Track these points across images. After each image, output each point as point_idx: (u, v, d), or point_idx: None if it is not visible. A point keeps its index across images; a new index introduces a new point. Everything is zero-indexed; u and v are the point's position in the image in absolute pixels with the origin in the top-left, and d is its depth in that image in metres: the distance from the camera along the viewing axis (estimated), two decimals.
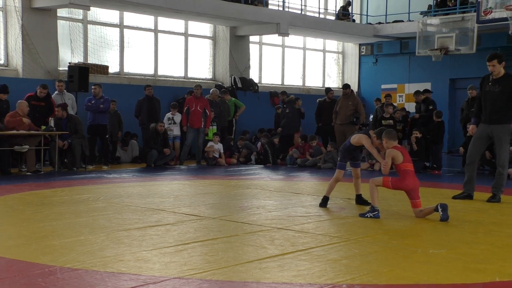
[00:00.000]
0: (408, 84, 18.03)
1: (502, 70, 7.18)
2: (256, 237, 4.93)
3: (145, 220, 5.67)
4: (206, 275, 3.74)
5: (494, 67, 7.13)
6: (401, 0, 18.12)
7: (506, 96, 7.10)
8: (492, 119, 7.20)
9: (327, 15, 19.04)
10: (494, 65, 7.12)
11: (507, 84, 7.11)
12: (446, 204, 5.80)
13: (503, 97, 7.10)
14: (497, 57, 7.17)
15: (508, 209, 6.75)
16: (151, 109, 13.01)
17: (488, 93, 7.23)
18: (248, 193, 8.10)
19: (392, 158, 5.93)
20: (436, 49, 15.37)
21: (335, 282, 3.60)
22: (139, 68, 14.98)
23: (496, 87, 7.14)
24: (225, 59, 16.26)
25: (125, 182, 9.28)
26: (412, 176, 5.94)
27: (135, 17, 14.72)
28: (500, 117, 7.15)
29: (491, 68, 7.16)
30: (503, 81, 7.14)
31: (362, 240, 4.87)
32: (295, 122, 13.92)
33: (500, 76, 7.17)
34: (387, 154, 5.98)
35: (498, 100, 7.13)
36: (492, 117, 7.19)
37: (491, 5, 12.97)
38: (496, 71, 7.15)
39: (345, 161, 6.67)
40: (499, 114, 7.15)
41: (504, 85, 7.11)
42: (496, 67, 7.13)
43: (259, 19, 15.41)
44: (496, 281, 3.65)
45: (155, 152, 12.19)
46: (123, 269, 3.87)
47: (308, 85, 19.05)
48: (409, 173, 5.92)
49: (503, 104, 7.12)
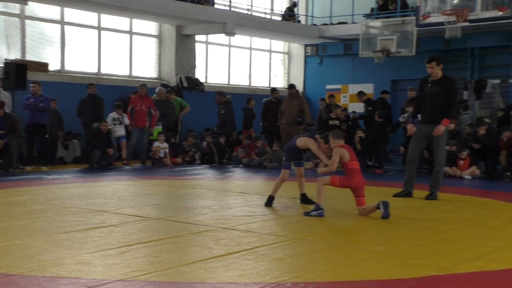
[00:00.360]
0: (352, 85, 18.37)
1: (440, 72, 7.44)
2: (202, 237, 4.91)
3: (87, 222, 5.53)
4: (150, 276, 3.69)
5: (433, 69, 7.38)
6: (345, 2, 18.46)
7: (444, 97, 7.35)
8: (431, 119, 7.44)
9: (273, 15, 19.16)
10: (433, 67, 7.38)
11: (445, 86, 7.37)
12: (387, 201, 5.95)
13: (441, 98, 7.36)
14: (436, 59, 7.43)
15: (444, 206, 6.98)
16: (94, 108, 12.71)
17: (427, 94, 7.47)
18: (193, 193, 8.05)
19: (339, 157, 6.03)
20: (378, 51, 15.74)
21: (280, 280, 3.62)
22: (81, 66, 14.62)
23: (434, 88, 7.39)
24: (171, 58, 16.10)
25: (66, 183, 9.04)
26: (359, 174, 6.06)
27: (77, 14, 14.36)
28: (438, 118, 7.40)
29: (430, 70, 7.41)
30: (441, 83, 7.39)
31: (306, 238, 4.93)
32: (231, 123, 14.01)
33: (438, 78, 7.42)
34: (334, 152, 6.07)
35: (437, 101, 7.37)
36: (431, 117, 7.44)
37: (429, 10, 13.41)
38: (434, 72, 7.41)
39: (290, 161, 6.74)
40: (437, 114, 7.39)
41: (442, 86, 7.37)
42: (435, 69, 7.38)
43: (205, 18, 15.34)
44: (432, 275, 3.77)
45: (98, 152, 11.93)
46: (63, 273, 3.76)
47: (255, 85, 19.12)
48: (356, 171, 6.05)
49: (441, 105, 7.37)
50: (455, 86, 7.43)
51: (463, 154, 10.56)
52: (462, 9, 12.86)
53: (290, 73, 20.15)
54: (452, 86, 7.38)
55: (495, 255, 4.39)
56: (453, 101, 7.41)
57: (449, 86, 7.36)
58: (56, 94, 12.52)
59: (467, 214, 6.43)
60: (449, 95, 7.34)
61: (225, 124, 13.85)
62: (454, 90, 7.39)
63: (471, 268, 3.95)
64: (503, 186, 9.46)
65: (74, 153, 12.89)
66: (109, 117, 12.93)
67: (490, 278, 3.75)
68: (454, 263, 4.11)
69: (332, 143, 6.15)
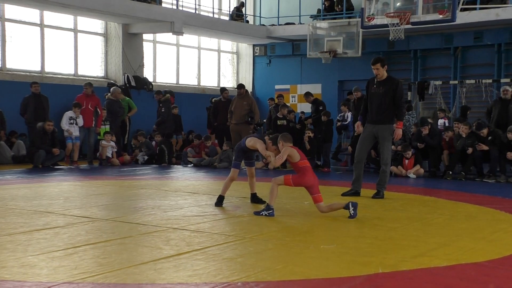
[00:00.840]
0: (300, 85, 18.59)
1: (385, 73, 7.65)
2: (151, 238, 4.86)
3: (32, 224, 5.38)
4: (98, 278, 3.62)
5: (378, 70, 7.57)
6: (292, 3, 18.65)
7: (389, 98, 7.55)
8: (377, 119, 7.63)
9: (221, 15, 19.14)
10: (378, 68, 7.57)
11: (390, 86, 7.57)
12: (356, 202, 6.02)
13: (386, 98, 7.55)
14: (380, 61, 7.63)
15: (390, 204, 7.17)
16: (38, 107, 12.36)
17: (373, 95, 7.65)
18: (143, 194, 7.95)
19: (289, 156, 6.08)
20: (325, 52, 15.98)
21: (230, 280, 3.63)
22: (23, 64, 14.17)
23: (380, 89, 7.58)
24: (118, 57, 15.84)
25: (9, 184, 8.74)
26: (311, 172, 6.13)
27: (18, 10, 13.90)
28: (384, 118, 7.59)
29: (376, 71, 7.59)
30: (387, 83, 7.59)
31: (256, 238, 4.95)
32: (170, 122, 13.95)
33: (383, 79, 7.62)
34: (283, 151, 6.11)
35: (382, 101, 7.56)
36: (377, 118, 7.62)
37: (373, 12, 13.71)
38: (380, 74, 7.60)
39: (240, 161, 6.75)
40: (383, 114, 7.58)
41: (388, 87, 7.56)
42: (380, 70, 7.58)
43: (151, 17, 15.16)
44: (379, 272, 3.87)
45: (42, 152, 11.60)
46: (6, 276, 3.64)
47: (204, 85, 19.06)
48: (307, 170, 6.11)
49: (386, 105, 7.57)
50: (400, 87, 7.64)
51: (408, 153, 10.87)
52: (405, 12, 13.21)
53: (239, 73, 20.19)
54: (397, 86, 7.59)
55: (437, 251, 4.54)
56: (400, 102, 7.61)
57: (394, 87, 7.56)
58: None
59: (412, 212, 6.62)
60: (394, 96, 7.54)
61: (164, 122, 13.79)
62: (399, 91, 7.59)
63: (415, 265, 4.07)
64: (446, 184, 9.80)
65: (20, 153, 12.49)
66: (66, 115, 12.41)
67: (433, 274, 3.88)
68: (399, 260, 4.22)
69: (281, 146, 6.20)
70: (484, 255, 4.43)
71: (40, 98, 12.48)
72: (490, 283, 3.73)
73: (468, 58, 16.18)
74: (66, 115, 12.49)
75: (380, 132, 7.61)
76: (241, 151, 6.70)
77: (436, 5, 13.33)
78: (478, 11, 14.86)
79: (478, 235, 5.27)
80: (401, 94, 7.61)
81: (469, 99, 14.24)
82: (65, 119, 12.39)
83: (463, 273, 3.92)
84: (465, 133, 10.61)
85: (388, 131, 7.60)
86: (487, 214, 6.55)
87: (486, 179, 10.25)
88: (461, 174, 10.51)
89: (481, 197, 8.06)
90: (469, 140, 10.52)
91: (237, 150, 6.79)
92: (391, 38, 13.52)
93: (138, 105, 14.74)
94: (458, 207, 7.01)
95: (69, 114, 12.49)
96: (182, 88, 17.82)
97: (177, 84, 17.97)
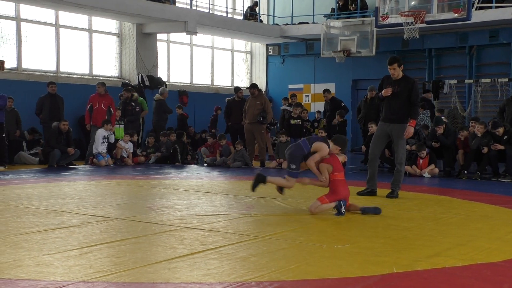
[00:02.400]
0: (314, 85, 18.55)
1: (401, 73, 7.61)
2: (165, 237, 4.87)
3: (47, 223, 5.42)
4: (112, 277, 3.64)
5: (395, 70, 7.54)
6: (306, 2, 18.61)
7: (404, 97, 7.51)
8: (391, 118, 7.59)
9: (235, 14, 19.16)
10: (395, 69, 7.53)
11: (405, 86, 7.53)
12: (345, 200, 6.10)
13: (401, 97, 7.51)
14: (397, 61, 7.59)
15: (405, 204, 7.13)
16: (54, 107, 12.49)
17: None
18: (157, 193, 7.98)
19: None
20: (339, 51, 15.93)
21: (244, 279, 3.63)
22: (39, 64, 14.30)
23: (395, 88, 7.54)
24: (132, 56, 15.92)
25: (25, 184, 8.82)
26: (343, 185, 6.17)
27: (33, 10, 14.03)
28: (398, 117, 7.55)
29: (392, 71, 7.56)
30: (402, 83, 7.55)
31: (270, 237, 4.95)
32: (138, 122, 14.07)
33: (399, 78, 7.58)
34: (321, 168, 6.15)
35: (397, 100, 7.52)
36: (391, 117, 7.58)
37: (387, 11, 13.66)
38: (396, 73, 7.56)
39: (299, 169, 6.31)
40: (398, 114, 7.54)
41: (403, 86, 7.52)
42: (397, 70, 7.54)
43: (165, 17, 15.22)
44: (393, 272, 3.85)
45: (57, 151, 11.70)
46: (22, 275, 3.67)
47: (217, 84, 19.09)
48: (340, 183, 6.15)
49: (401, 104, 7.52)
50: (415, 86, 7.60)
51: (423, 152, 10.79)
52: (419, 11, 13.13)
53: (253, 72, 20.20)
54: (413, 86, 7.55)
55: (453, 251, 4.50)
56: (416, 101, 7.57)
57: (409, 86, 7.52)
58: (12, 93, 12.23)
59: (426, 211, 6.57)
60: (410, 95, 7.50)
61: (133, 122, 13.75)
62: (415, 90, 7.55)
63: (430, 265, 4.04)
64: (461, 184, 9.72)
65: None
66: (99, 135, 12.14)
67: (448, 274, 3.85)
68: (414, 260, 4.19)
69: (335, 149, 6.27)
70: (500, 255, 4.39)
71: (55, 98, 12.60)
72: (506, 283, 3.69)
73: (483, 57, 16.04)
74: (99, 134, 12.11)
75: (394, 131, 7.57)
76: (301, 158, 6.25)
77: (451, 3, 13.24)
78: (493, 9, 14.72)
79: (493, 235, 5.22)
80: (416, 93, 7.59)
81: (484, 98, 14.12)
82: (99, 139, 12.08)
83: (478, 273, 3.89)
84: (481, 133, 10.51)
85: (403, 130, 7.56)
86: (503, 213, 6.49)
87: (501, 179, 10.15)
88: (476, 174, 10.42)
89: (496, 196, 7.98)
90: (484, 139, 10.42)
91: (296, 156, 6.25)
92: (406, 37, 13.46)
93: (152, 104, 14.80)
94: (473, 207, 6.95)
95: (102, 133, 12.17)
96: (195, 88, 17.88)
97: (190, 84, 18.03)
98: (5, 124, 11.43)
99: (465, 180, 10.26)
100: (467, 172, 10.56)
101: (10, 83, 12.94)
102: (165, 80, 16.84)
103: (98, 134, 12.17)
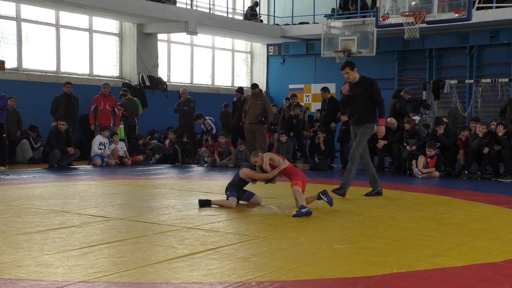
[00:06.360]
0: (314, 85, 18.55)
1: (357, 75, 7.55)
2: (166, 237, 4.87)
3: (47, 223, 5.42)
4: (113, 277, 3.64)
5: (348, 74, 7.50)
6: (306, 2, 18.61)
7: (366, 98, 7.47)
8: (358, 121, 7.57)
9: (235, 15, 19.16)
10: (348, 72, 7.49)
11: (364, 87, 7.49)
12: (325, 190, 6.42)
13: (363, 99, 7.47)
14: (348, 65, 7.53)
15: (405, 204, 7.13)
16: (68, 108, 12.62)
17: (352, 97, 7.58)
18: (157, 193, 7.98)
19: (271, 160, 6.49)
20: (339, 51, 15.93)
21: (245, 280, 3.63)
22: (39, 64, 14.31)
23: (356, 90, 7.51)
24: (132, 56, 15.93)
25: (25, 184, 8.83)
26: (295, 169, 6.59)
27: (33, 10, 14.03)
28: (364, 118, 7.51)
29: (346, 76, 7.53)
30: (361, 85, 7.51)
31: (271, 237, 4.95)
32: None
33: (357, 81, 7.54)
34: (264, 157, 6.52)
35: (360, 102, 7.49)
36: (358, 119, 7.57)
37: (388, 11, 13.66)
38: (351, 77, 7.52)
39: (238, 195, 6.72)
40: (363, 115, 7.50)
41: (362, 88, 7.49)
42: (350, 74, 7.49)
43: (166, 17, 15.22)
44: (394, 272, 3.85)
45: (57, 151, 11.70)
46: (22, 275, 3.67)
47: (218, 84, 19.09)
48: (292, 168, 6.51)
49: (365, 106, 7.48)
50: (375, 85, 7.52)
51: (431, 150, 10.63)
52: (420, 11, 13.14)
53: (253, 72, 20.20)
54: (372, 86, 7.48)
55: (453, 251, 4.50)
56: (379, 100, 7.50)
57: (369, 87, 7.47)
58: (12, 93, 12.24)
59: (427, 211, 6.57)
60: (372, 95, 7.45)
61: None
62: (374, 89, 7.47)
63: (431, 265, 4.04)
64: (461, 184, 9.71)
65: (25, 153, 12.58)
66: (96, 141, 12.29)
67: (449, 274, 3.85)
68: (414, 260, 4.19)
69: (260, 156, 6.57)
70: (500, 255, 4.39)
71: (70, 98, 12.75)
72: (506, 283, 3.69)
73: (484, 57, 16.04)
74: (96, 140, 12.31)
75: (359, 130, 7.53)
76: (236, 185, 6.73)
77: (451, 3, 13.25)
78: (494, 9, 14.72)
79: (494, 235, 5.22)
80: (377, 92, 7.47)
81: (484, 98, 14.12)
82: (95, 145, 12.26)
83: (479, 273, 3.89)
84: (482, 133, 10.50)
85: (367, 128, 7.50)
86: (503, 214, 6.49)
87: (502, 179, 10.14)
88: (476, 174, 10.41)
89: (497, 196, 7.98)
90: (485, 139, 10.42)
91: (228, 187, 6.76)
92: (406, 37, 13.46)
93: (152, 104, 14.83)
94: (473, 207, 6.95)
95: (99, 140, 12.32)
96: (196, 88, 17.88)
97: (191, 84, 18.03)
98: (6, 124, 11.44)
99: (466, 180, 10.25)
100: (468, 172, 10.56)
101: (11, 83, 12.94)
102: (166, 80, 16.85)
103: (95, 140, 12.34)
